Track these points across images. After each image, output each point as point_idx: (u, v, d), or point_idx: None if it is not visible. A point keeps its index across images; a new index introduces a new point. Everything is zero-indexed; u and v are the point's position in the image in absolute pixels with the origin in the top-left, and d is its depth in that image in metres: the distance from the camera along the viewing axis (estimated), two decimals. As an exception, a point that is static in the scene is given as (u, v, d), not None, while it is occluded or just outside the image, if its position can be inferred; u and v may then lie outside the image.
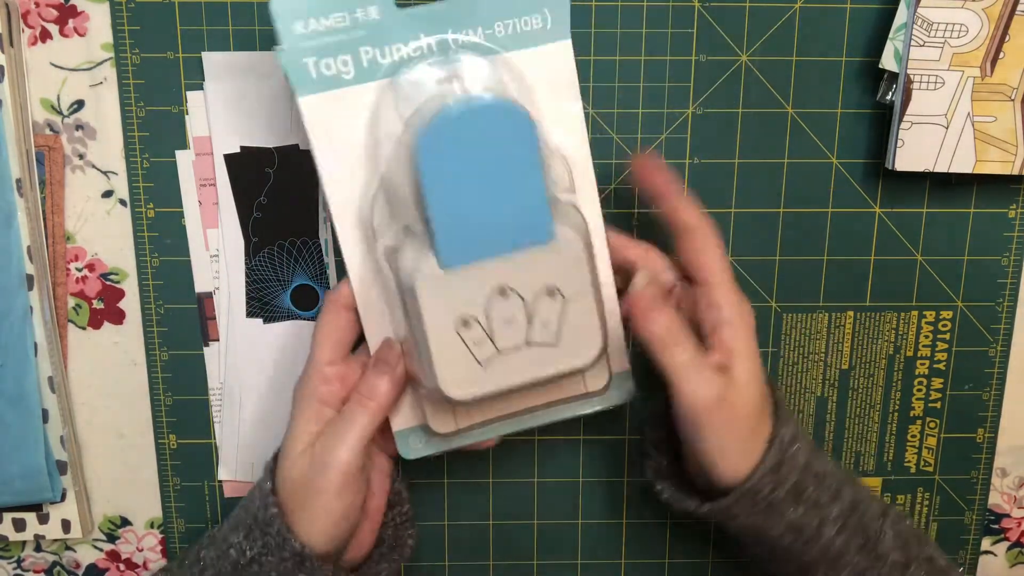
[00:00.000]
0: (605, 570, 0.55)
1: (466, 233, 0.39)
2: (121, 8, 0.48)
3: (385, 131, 0.41)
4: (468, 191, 0.38)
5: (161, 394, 0.52)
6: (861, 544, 0.43)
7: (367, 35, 0.40)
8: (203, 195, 0.50)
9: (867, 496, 0.45)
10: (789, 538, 0.43)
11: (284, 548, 0.42)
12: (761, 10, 0.48)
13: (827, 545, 0.43)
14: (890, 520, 0.45)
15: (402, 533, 0.49)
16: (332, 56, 0.40)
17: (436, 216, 0.38)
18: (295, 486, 0.43)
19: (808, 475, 0.42)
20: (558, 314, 0.40)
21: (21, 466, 0.50)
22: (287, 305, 0.51)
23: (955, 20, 0.45)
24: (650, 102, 0.49)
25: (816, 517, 0.42)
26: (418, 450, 0.46)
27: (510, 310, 0.40)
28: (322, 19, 0.39)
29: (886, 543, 0.44)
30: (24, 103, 0.48)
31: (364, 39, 0.40)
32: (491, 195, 0.38)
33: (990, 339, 0.53)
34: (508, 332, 0.40)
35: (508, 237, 0.39)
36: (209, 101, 0.49)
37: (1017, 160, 0.47)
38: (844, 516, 0.43)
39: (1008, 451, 0.54)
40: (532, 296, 0.40)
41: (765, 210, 0.51)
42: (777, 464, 0.42)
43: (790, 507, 0.42)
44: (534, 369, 0.41)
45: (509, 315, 0.40)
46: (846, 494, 0.43)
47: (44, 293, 0.50)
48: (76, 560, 0.55)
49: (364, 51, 0.40)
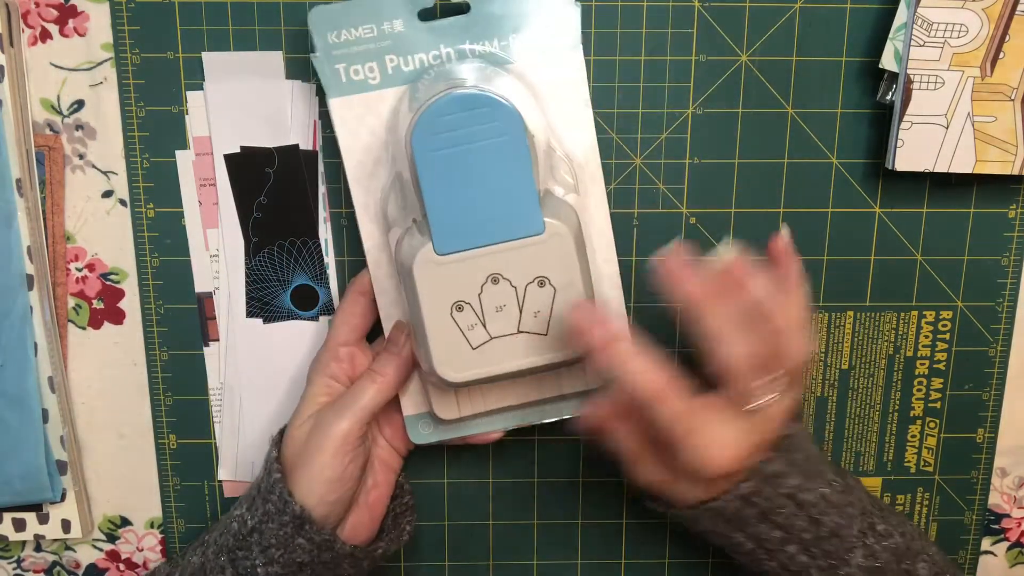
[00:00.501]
0: (605, 570, 0.55)
1: (460, 221, 0.41)
2: (121, 8, 0.48)
3: (401, 131, 0.44)
4: (459, 179, 0.41)
5: (161, 394, 0.52)
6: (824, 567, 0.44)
7: (392, 45, 0.44)
8: (203, 195, 0.50)
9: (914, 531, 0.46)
10: (750, 545, 0.44)
11: (284, 512, 0.43)
12: (761, 10, 0.48)
13: (787, 561, 0.44)
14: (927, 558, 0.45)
15: (400, 520, 0.50)
16: (360, 63, 0.44)
17: (429, 202, 0.41)
18: (297, 446, 0.45)
19: (787, 502, 0.43)
20: (548, 305, 0.42)
21: (21, 466, 0.50)
22: (287, 305, 0.51)
23: (955, 20, 0.45)
24: (650, 102, 0.49)
25: (782, 534, 0.43)
26: (425, 435, 0.48)
27: (502, 298, 0.42)
28: (353, 30, 0.44)
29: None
30: (24, 103, 0.48)
31: (389, 48, 0.44)
32: (482, 185, 0.41)
33: (990, 339, 0.53)
34: (500, 319, 0.42)
35: (500, 227, 0.41)
36: (209, 101, 0.49)
37: (1017, 160, 0.47)
38: (816, 542, 0.43)
39: (1008, 451, 0.54)
40: (523, 285, 0.42)
41: (765, 210, 0.51)
42: (749, 494, 0.42)
43: (755, 525, 0.43)
44: (525, 357, 0.43)
45: (501, 303, 0.42)
46: (828, 522, 0.43)
47: (44, 293, 0.50)
48: (76, 560, 0.55)
49: (389, 59, 0.44)
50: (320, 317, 0.51)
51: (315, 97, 0.49)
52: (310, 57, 0.43)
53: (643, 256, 0.51)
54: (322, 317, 0.51)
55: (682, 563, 0.55)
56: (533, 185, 0.41)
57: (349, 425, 0.44)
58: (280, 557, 0.44)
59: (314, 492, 0.44)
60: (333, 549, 0.44)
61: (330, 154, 0.49)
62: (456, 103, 0.40)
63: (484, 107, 0.41)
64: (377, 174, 0.45)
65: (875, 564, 0.44)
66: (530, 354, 0.43)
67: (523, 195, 0.41)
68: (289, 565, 0.44)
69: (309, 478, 0.44)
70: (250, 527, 0.44)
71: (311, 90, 0.48)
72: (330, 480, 0.44)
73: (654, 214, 0.50)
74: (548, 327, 0.43)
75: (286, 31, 0.48)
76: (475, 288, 0.42)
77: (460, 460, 0.53)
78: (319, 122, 0.49)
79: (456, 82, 0.43)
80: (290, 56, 0.48)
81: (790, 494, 0.42)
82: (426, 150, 0.40)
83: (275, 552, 0.44)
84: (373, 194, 0.45)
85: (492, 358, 0.43)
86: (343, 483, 0.45)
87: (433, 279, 0.41)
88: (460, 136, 0.40)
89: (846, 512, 0.44)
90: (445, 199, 0.41)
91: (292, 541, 0.44)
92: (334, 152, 0.49)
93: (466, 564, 0.55)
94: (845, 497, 0.44)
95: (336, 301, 0.51)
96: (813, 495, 0.43)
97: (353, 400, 0.45)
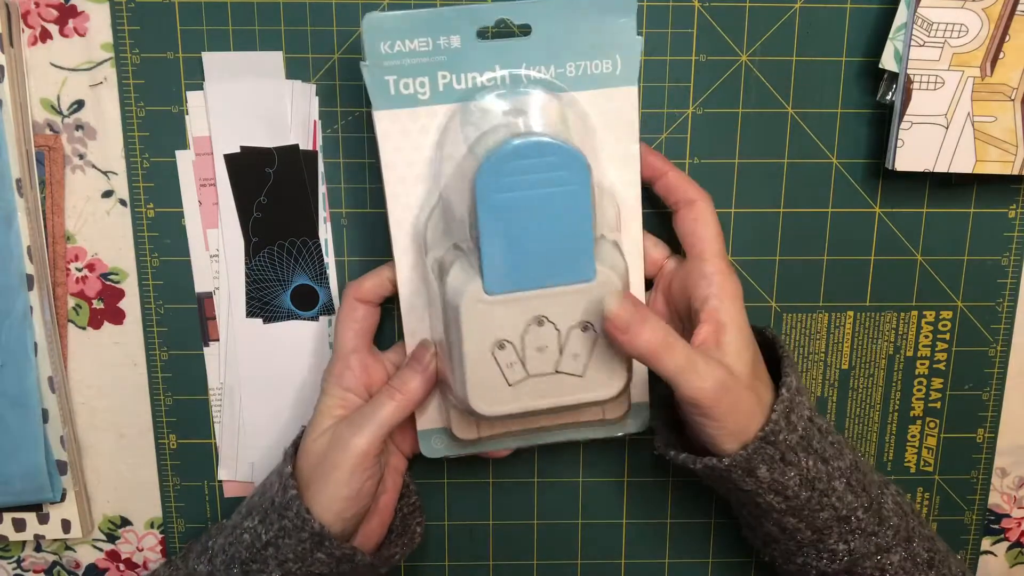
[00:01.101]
0: (605, 570, 0.55)
1: (513, 263, 0.41)
2: (121, 8, 0.48)
3: (449, 151, 0.43)
4: (519, 223, 0.40)
5: (161, 394, 0.52)
6: (867, 505, 0.44)
7: (447, 61, 0.42)
8: (203, 195, 0.50)
9: (867, 464, 0.46)
10: (805, 494, 0.43)
11: (303, 529, 0.43)
12: (761, 10, 0.48)
13: (838, 503, 0.43)
14: (891, 491, 0.46)
15: (410, 522, 0.50)
16: (411, 77, 0.42)
17: (486, 243, 0.40)
18: (313, 460, 0.44)
19: (813, 427, 0.43)
20: (588, 348, 0.43)
21: (21, 466, 0.50)
22: (287, 305, 0.51)
23: (955, 20, 0.45)
24: (650, 102, 0.49)
25: (825, 471, 0.43)
26: (438, 451, 0.48)
27: (544, 339, 0.42)
28: (407, 42, 0.42)
29: (888, 509, 0.45)
30: (24, 103, 0.48)
31: (443, 64, 0.42)
32: (541, 230, 0.40)
33: (990, 339, 0.53)
34: (540, 359, 0.42)
35: (552, 272, 0.41)
36: (209, 101, 0.49)
37: (1017, 160, 0.47)
38: (848, 473, 0.44)
39: (1008, 451, 0.54)
40: (566, 328, 0.42)
41: (765, 210, 0.51)
42: (787, 411, 0.42)
43: (802, 456, 0.42)
44: (559, 395, 0.43)
45: (543, 343, 0.42)
46: (847, 453, 0.44)
47: (44, 293, 0.50)
48: (76, 560, 0.55)
49: (441, 75, 0.42)
50: (320, 317, 0.51)
51: (315, 97, 0.49)
52: (360, 64, 0.42)
53: (643, 256, 0.51)
54: (322, 317, 0.51)
55: (682, 563, 0.55)
56: (591, 234, 0.41)
57: (368, 442, 0.43)
58: (298, 570, 0.44)
59: (332, 509, 0.43)
60: (353, 561, 0.44)
61: (330, 154, 0.49)
62: (526, 149, 0.39)
63: (554, 155, 0.40)
64: (416, 192, 0.44)
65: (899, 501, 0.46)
66: (564, 393, 0.43)
67: (580, 243, 0.41)
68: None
69: (327, 495, 0.43)
70: (265, 541, 0.44)
71: (311, 90, 0.48)
72: (347, 498, 0.43)
73: (654, 214, 0.50)
74: (585, 370, 0.43)
75: (286, 31, 0.48)
76: (519, 328, 0.42)
77: (460, 461, 0.53)
78: (319, 122, 0.49)
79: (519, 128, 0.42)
80: (290, 56, 0.48)
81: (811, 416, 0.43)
82: (490, 193, 0.40)
83: (293, 566, 0.44)
84: (411, 211, 0.44)
85: (526, 395, 0.43)
86: (360, 500, 0.44)
87: (479, 318, 0.41)
88: (525, 182, 0.40)
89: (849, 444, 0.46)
90: (502, 242, 0.40)
91: (311, 556, 0.43)
92: (334, 152, 0.49)
93: (466, 564, 0.55)
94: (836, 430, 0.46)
95: (336, 301, 0.51)
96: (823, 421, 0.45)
97: (372, 415, 0.44)
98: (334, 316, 0.51)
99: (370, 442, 0.43)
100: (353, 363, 0.46)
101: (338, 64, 0.48)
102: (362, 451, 0.43)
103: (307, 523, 0.43)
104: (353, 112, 0.49)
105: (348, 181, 0.50)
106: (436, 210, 0.44)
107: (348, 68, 0.48)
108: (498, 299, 0.41)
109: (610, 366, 0.43)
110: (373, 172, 0.50)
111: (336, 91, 0.49)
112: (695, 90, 0.49)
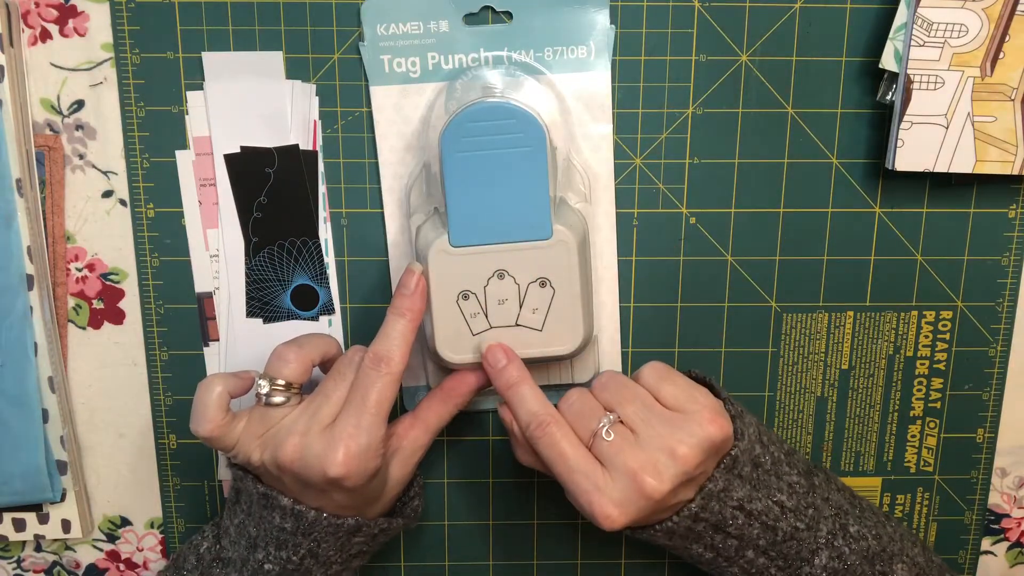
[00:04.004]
0: (605, 570, 0.55)
1: (476, 218, 0.44)
2: (121, 8, 0.48)
3: (433, 124, 0.48)
4: (481, 180, 0.43)
5: (161, 394, 0.52)
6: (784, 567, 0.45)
7: (436, 43, 0.47)
8: (203, 195, 0.50)
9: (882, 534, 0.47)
10: (709, 555, 0.45)
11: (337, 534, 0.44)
12: (761, 10, 0.48)
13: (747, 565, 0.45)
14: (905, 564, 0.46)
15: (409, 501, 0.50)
16: (404, 56, 0.48)
17: (451, 198, 0.44)
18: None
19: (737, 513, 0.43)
20: (546, 303, 0.45)
21: (21, 466, 0.50)
22: (287, 305, 0.51)
23: (955, 20, 0.45)
24: (650, 102, 0.49)
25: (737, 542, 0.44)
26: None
27: (505, 292, 0.45)
28: (401, 24, 0.47)
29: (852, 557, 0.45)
30: (24, 103, 0.48)
31: (432, 46, 0.48)
32: (501, 188, 0.44)
33: (990, 339, 0.53)
34: (501, 311, 0.45)
35: (512, 228, 0.44)
36: (209, 101, 0.49)
37: (1017, 160, 0.47)
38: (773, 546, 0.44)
39: (1008, 451, 0.54)
40: (525, 284, 0.45)
41: (765, 210, 0.51)
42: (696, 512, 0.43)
43: (710, 537, 0.44)
44: (520, 348, 0.46)
45: (504, 296, 0.45)
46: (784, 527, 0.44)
47: (44, 293, 0.50)
48: (76, 560, 0.55)
49: (431, 56, 0.48)
50: (320, 317, 0.51)
51: (315, 97, 0.49)
52: (358, 44, 0.47)
53: (643, 256, 0.51)
54: (322, 317, 0.51)
55: (681, 563, 0.55)
56: (547, 194, 0.44)
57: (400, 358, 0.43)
58: (338, 558, 0.45)
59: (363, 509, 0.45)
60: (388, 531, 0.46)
61: (330, 154, 0.49)
62: (487, 111, 0.43)
63: (513, 118, 0.43)
64: (405, 161, 0.49)
65: (842, 565, 0.45)
66: (524, 346, 0.46)
67: (537, 202, 0.44)
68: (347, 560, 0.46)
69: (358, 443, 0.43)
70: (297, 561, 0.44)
71: (311, 90, 0.48)
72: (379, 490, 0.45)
73: (654, 214, 0.50)
74: (544, 324, 0.45)
75: (286, 31, 0.48)
76: (482, 280, 0.45)
77: (460, 460, 0.53)
78: (319, 122, 0.49)
79: (490, 91, 0.47)
80: (290, 56, 0.48)
81: (738, 506, 0.43)
82: (453, 150, 0.43)
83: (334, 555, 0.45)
84: (400, 179, 0.49)
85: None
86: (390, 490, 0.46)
87: (445, 267, 0.44)
88: (487, 142, 0.43)
89: (805, 515, 0.44)
90: (465, 197, 0.44)
91: (349, 541, 0.45)
92: (334, 152, 0.49)
93: (466, 564, 0.55)
94: (807, 499, 0.45)
95: (336, 301, 0.51)
96: (763, 504, 0.44)
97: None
98: (333, 316, 0.51)
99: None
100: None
101: (338, 64, 0.48)
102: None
103: (339, 529, 0.44)
104: (353, 112, 0.49)
105: (348, 181, 0.50)
106: (420, 178, 0.48)
107: (348, 68, 0.48)
108: (462, 251, 0.44)
109: (567, 323, 0.45)
110: (373, 172, 0.50)
111: (336, 91, 0.49)
112: (695, 90, 0.49)
